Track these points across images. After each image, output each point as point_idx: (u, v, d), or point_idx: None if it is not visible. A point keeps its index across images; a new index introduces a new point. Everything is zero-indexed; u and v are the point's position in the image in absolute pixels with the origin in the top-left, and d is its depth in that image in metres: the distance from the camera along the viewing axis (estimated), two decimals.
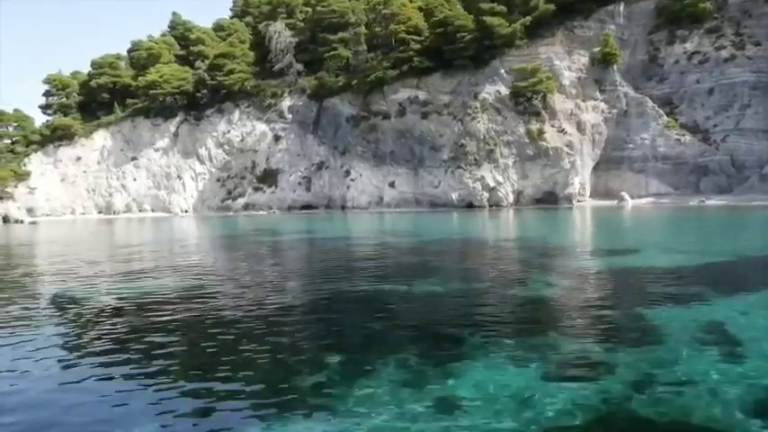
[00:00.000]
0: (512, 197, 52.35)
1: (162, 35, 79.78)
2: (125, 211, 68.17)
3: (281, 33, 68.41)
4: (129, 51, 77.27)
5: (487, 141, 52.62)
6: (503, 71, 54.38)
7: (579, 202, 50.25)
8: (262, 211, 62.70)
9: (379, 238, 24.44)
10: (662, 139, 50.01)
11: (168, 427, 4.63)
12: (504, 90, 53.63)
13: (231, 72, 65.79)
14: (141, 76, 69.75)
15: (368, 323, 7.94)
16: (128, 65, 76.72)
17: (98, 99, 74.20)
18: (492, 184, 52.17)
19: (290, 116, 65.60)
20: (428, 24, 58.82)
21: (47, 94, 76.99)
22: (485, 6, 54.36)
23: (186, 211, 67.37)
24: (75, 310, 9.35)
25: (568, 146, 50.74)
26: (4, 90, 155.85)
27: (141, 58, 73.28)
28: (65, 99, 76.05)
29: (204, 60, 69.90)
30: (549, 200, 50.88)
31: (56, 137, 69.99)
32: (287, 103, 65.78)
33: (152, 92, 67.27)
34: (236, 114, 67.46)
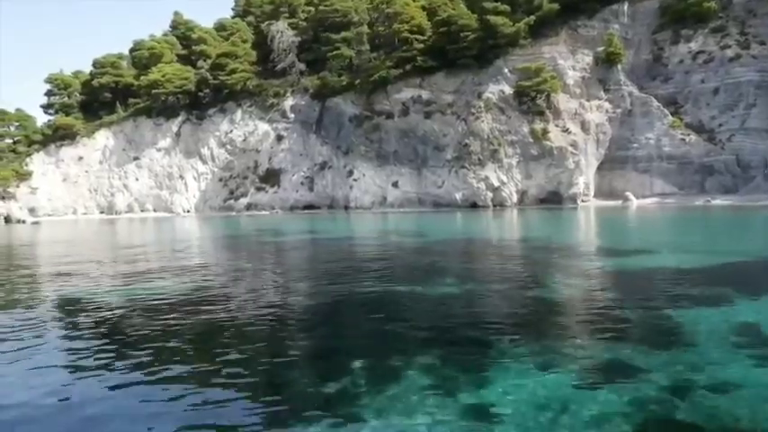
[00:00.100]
0: (516, 197, 52.10)
1: (164, 35, 79.81)
2: (127, 211, 68.06)
3: (283, 33, 68.25)
4: (131, 51, 77.23)
5: (491, 141, 52.39)
6: (506, 71, 54.16)
7: (583, 202, 50.00)
8: (264, 212, 62.51)
9: (384, 239, 24.25)
10: (667, 139, 49.74)
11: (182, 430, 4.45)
12: (508, 89, 53.42)
13: (233, 71, 65.66)
14: (143, 75, 69.76)
15: (384, 325, 7.69)
16: (130, 64, 76.73)
17: (100, 99, 74.21)
18: (496, 183, 51.92)
19: (292, 116, 65.42)
20: (431, 23, 58.70)
21: (49, 93, 77.00)
22: (488, 5, 54.18)
23: (188, 212, 67.22)
24: (83, 312, 9.15)
25: (573, 145, 50.48)
26: (5, 90, 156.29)
27: (143, 57, 73.26)
28: (67, 99, 76.08)
29: (206, 60, 69.87)
30: (554, 200, 50.61)
31: (58, 136, 69.98)
32: (289, 102, 65.61)
33: (154, 91, 67.20)
34: (238, 114, 67.32)
